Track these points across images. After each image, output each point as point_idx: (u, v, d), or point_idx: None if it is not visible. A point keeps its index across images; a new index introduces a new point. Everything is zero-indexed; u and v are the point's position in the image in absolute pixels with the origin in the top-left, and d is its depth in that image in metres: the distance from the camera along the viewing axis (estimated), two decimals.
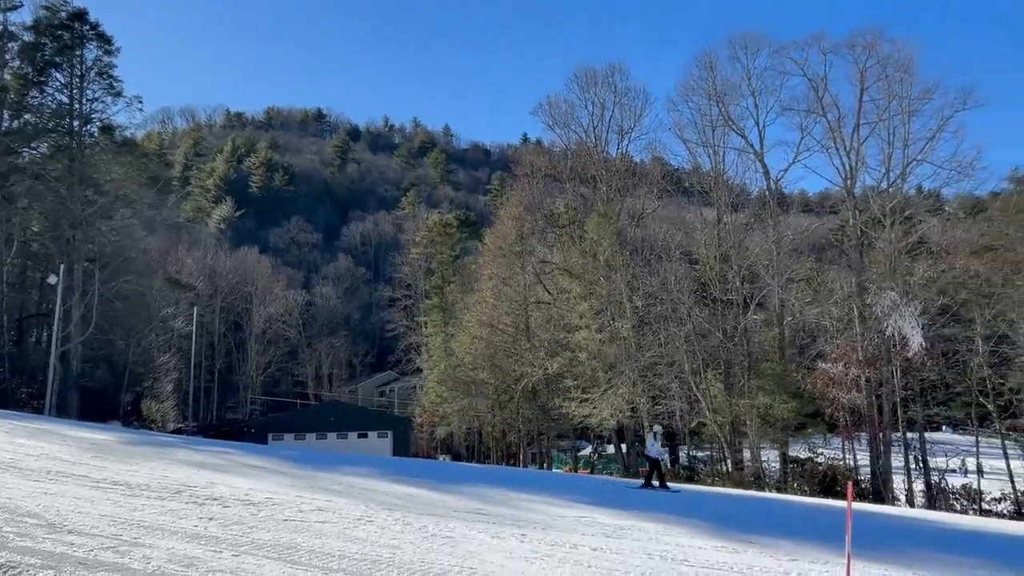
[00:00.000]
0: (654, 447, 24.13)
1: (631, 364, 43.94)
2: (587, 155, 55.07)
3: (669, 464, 47.27)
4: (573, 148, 56.98)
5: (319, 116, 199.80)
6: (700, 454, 46.39)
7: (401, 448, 59.46)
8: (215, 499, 13.30)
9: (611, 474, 48.62)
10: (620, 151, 55.47)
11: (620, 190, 53.51)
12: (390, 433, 60.63)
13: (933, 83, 44.39)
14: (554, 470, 52.86)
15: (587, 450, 63.30)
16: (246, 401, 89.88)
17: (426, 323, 72.89)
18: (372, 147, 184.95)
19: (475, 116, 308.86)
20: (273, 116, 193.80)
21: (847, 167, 44.65)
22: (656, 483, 23.68)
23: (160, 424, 59.40)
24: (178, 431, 55.89)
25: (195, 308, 66.65)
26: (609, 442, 55.20)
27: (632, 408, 44.31)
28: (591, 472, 52.66)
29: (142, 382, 60.55)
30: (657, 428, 25.88)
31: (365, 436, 58.76)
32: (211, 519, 11.29)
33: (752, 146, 47.66)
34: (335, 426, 57.84)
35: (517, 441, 57.38)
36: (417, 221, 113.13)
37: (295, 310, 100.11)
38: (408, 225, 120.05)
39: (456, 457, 66.23)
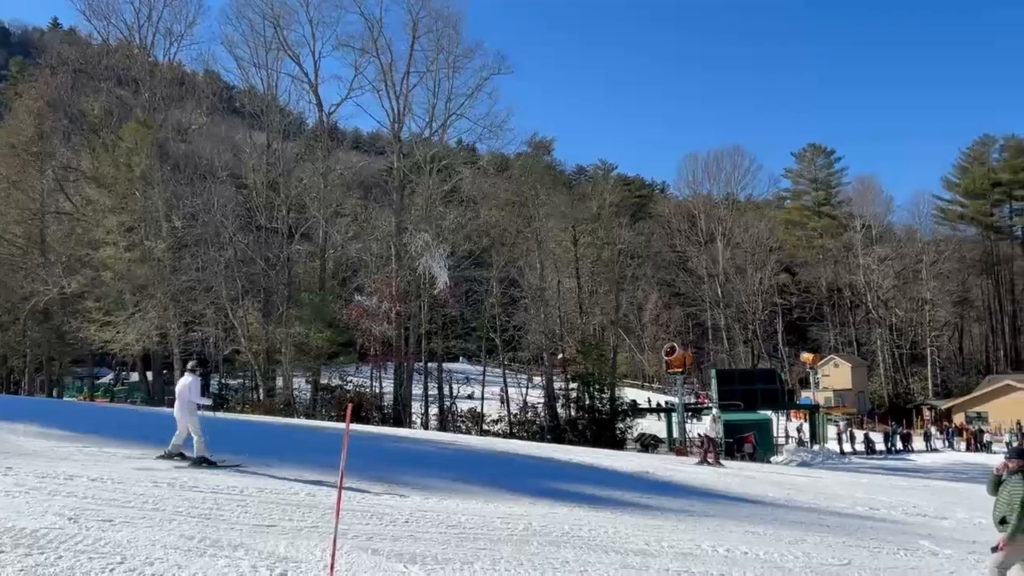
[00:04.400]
0: (713, 428, 26.97)
1: (164, 287, 41.25)
2: (130, 55, 49.61)
3: (209, 401, 45.82)
4: (114, 45, 50.86)
5: None
6: (232, 382, 45.64)
7: None
8: None
9: (134, 403, 45.53)
10: (168, 57, 51.04)
11: (166, 99, 49.28)
12: None
13: (475, 44, 48.56)
14: (66, 399, 47.77)
15: (108, 377, 58.43)
16: None
17: None
18: None
19: None
20: None
21: (395, 111, 46.74)
22: (710, 460, 25.80)
23: None
24: None
25: None
26: (133, 369, 51.48)
27: (162, 334, 41.77)
28: (111, 401, 48.71)
29: None
30: (716, 412, 30.42)
31: None
32: None
33: (307, 75, 47.25)
34: None
35: (22, 367, 50.50)
36: None
37: None
38: None
39: None
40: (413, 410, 44.55)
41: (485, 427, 44.69)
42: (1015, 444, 35.20)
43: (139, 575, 6.40)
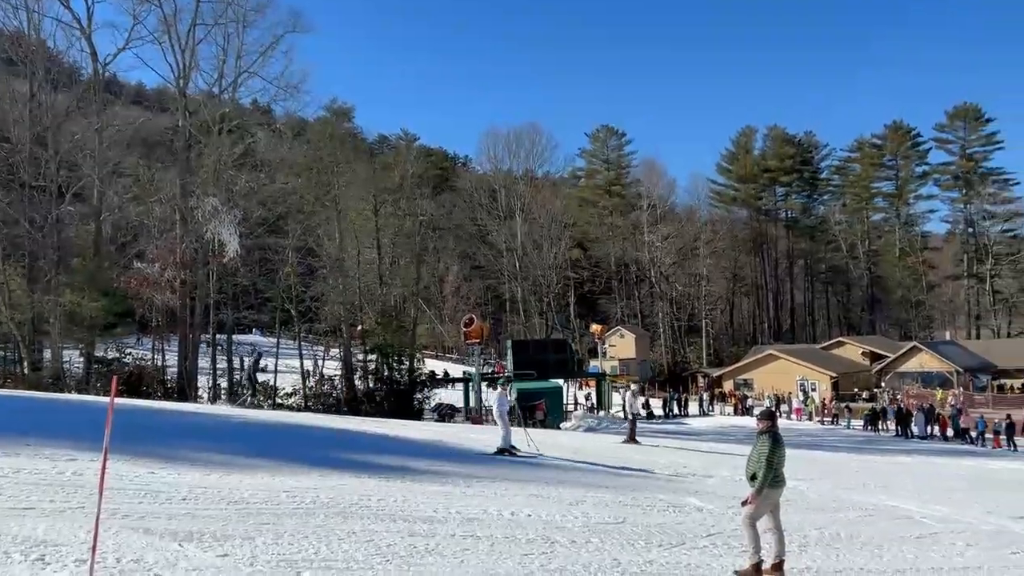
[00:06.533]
0: (635, 405, 27.14)
1: None
2: None
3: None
4: None
5: None
6: None
7: None
8: None
9: None
10: None
11: None
12: None
13: None
14: None
15: None
16: None
17: None
18: None
19: None
20: None
21: (180, 66, 43.54)
22: (637, 438, 25.12)
23: None
24: None
25: None
26: None
27: None
28: None
29: None
30: (634, 387, 31.01)
31: None
32: None
33: (78, 20, 42.82)
34: None
35: None
36: None
37: None
38: None
39: None
40: (200, 384, 42.40)
41: (279, 400, 43.38)
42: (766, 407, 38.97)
43: None
